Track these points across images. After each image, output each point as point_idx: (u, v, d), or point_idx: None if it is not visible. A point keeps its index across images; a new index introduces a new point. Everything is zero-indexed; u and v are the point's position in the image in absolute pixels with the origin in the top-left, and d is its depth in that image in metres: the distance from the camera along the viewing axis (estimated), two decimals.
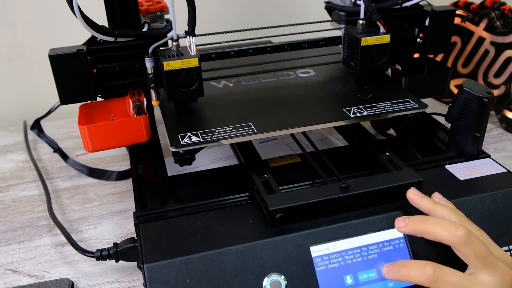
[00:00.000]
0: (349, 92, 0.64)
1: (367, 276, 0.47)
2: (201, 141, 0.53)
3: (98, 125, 0.56)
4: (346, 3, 0.67)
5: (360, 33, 0.62)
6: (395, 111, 0.58)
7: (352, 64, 0.65)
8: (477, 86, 0.57)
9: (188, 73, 0.56)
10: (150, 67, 0.57)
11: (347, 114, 0.57)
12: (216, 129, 0.55)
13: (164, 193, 0.55)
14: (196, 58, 0.55)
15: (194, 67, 0.55)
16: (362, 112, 0.58)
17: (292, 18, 0.68)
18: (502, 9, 0.82)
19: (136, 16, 0.58)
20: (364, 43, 0.62)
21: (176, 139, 0.53)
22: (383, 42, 0.62)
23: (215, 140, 0.53)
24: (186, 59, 0.55)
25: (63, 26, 0.89)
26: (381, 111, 0.58)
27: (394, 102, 0.60)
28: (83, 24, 0.52)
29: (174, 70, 0.55)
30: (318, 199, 0.49)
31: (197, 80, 0.57)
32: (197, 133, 0.54)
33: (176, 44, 0.57)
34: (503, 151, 0.77)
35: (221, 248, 0.46)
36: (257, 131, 0.54)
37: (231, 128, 0.55)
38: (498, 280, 0.42)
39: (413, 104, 0.59)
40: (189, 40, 0.56)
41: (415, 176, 0.51)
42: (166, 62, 0.54)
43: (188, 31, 0.56)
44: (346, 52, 0.66)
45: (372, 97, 0.61)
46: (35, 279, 0.56)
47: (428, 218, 0.45)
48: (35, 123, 0.83)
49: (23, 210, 0.68)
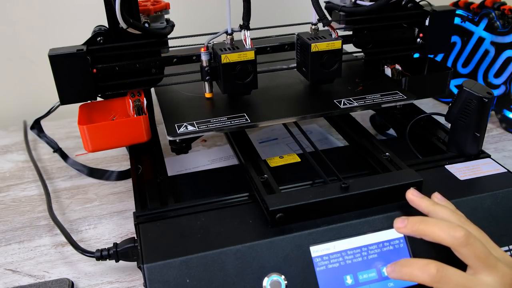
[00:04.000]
0: (340, 85, 0.66)
1: (367, 276, 0.47)
2: (197, 130, 0.55)
3: (98, 125, 0.56)
4: (346, 3, 0.67)
5: (311, 39, 0.61)
6: (384, 102, 0.60)
7: (304, 70, 0.64)
8: (477, 86, 0.57)
9: (244, 66, 0.58)
10: (205, 60, 0.59)
11: (337, 105, 0.60)
12: (211, 119, 0.57)
13: (164, 193, 0.55)
14: (253, 51, 0.58)
15: (250, 60, 0.58)
16: (352, 103, 0.60)
17: (292, 18, 0.68)
18: (502, 9, 0.82)
19: (136, 16, 0.58)
20: (314, 49, 0.60)
21: (173, 128, 0.55)
22: (334, 48, 0.61)
23: (210, 130, 0.55)
24: (242, 52, 0.57)
25: (63, 26, 0.89)
26: (370, 102, 0.60)
27: (383, 94, 0.62)
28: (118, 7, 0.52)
29: (231, 63, 0.57)
30: (318, 199, 0.49)
31: (252, 73, 0.59)
32: (193, 123, 0.56)
33: (230, 38, 0.59)
34: (503, 151, 0.77)
35: (221, 248, 0.46)
36: (251, 120, 0.57)
37: (226, 119, 0.57)
38: (499, 280, 0.42)
39: (401, 96, 0.61)
40: (244, 33, 0.58)
41: (415, 176, 0.51)
42: (224, 55, 0.57)
43: (243, 25, 0.58)
44: (299, 58, 0.65)
45: (362, 90, 0.64)
46: (35, 279, 0.56)
47: (427, 220, 0.45)
48: (35, 123, 0.83)
49: (23, 210, 0.68)
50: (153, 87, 0.65)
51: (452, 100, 0.58)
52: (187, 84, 0.63)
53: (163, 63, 0.62)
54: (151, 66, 0.61)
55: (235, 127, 0.56)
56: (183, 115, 0.59)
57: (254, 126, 0.57)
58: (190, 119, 0.57)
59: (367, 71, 0.71)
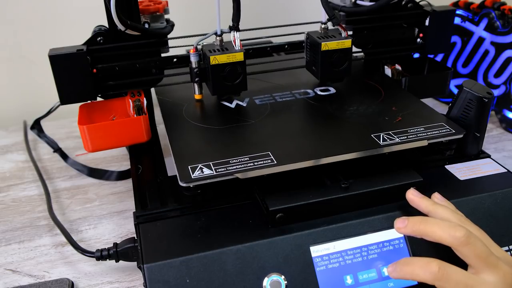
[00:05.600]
0: (375, 114, 0.58)
1: (367, 276, 0.47)
2: (215, 174, 0.47)
3: (98, 125, 0.56)
4: (346, 3, 0.67)
5: (321, 38, 0.62)
6: (430, 138, 0.53)
7: (314, 69, 0.64)
8: (477, 86, 0.57)
9: (233, 67, 0.57)
10: (194, 61, 0.59)
11: (377, 142, 0.52)
12: (231, 160, 0.50)
13: (164, 193, 0.55)
14: (241, 52, 0.57)
15: (239, 61, 0.57)
16: (393, 138, 0.52)
17: (292, 18, 0.68)
18: (502, 9, 0.82)
19: (136, 16, 0.58)
20: (324, 48, 0.60)
21: (186, 172, 0.48)
22: (344, 46, 0.61)
23: (231, 173, 0.48)
24: (231, 54, 0.56)
25: (63, 26, 0.89)
26: (413, 137, 0.53)
27: (427, 126, 0.55)
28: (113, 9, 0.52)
29: (220, 64, 0.56)
30: (318, 199, 0.49)
31: (242, 74, 0.58)
32: (209, 165, 0.49)
33: (220, 39, 0.59)
34: (503, 151, 0.77)
35: (221, 248, 0.46)
36: (277, 162, 0.49)
37: (248, 159, 0.50)
38: (500, 279, 0.42)
39: (449, 130, 0.54)
40: (233, 34, 0.58)
41: (415, 176, 0.51)
42: (212, 56, 0.56)
43: (232, 26, 0.57)
44: (308, 56, 0.65)
45: (402, 120, 0.56)
46: (35, 279, 0.56)
47: (428, 219, 0.45)
48: (35, 123, 0.83)
49: (23, 210, 0.68)
50: (153, 87, 0.65)
51: (452, 100, 0.58)
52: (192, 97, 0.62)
53: (163, 63, 0.62)
54: (151, 66, 0.61)
55: (261, 171, 0.48)
56: (196, 152, 0.51)
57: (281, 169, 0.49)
58: (205, 159, 0.50)
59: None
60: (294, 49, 0.70)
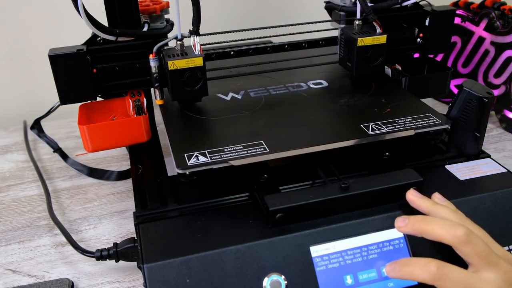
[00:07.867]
0: (365, 106, 0.60)
1: (367, 276, 0.47)
2: (210, 161, 0.49)
3: (98, 125, 0.56)
4: (346, 3, 0.67)
5: (357, 34, 0.62)
6: (416, 127, 0.54)
7: (349, 64, 0.65)
8: (477, 86, 0.57)
9: (193, 73, 0.56)
10: (154, 66, 0.58)
11: (365, 131, 0.54)
12: (225, 148, 0.51)
13: (164, 193, 0.55)
14: (201, 57, 0.56)
15: (199, 66, 0.56)
16: (382, 128, 0.54)
17: (292, 18, 0.68)
18: (502, 9, 0.82)
19: (136, 16, 0.58)
20: (360, 44, 0.61)
21: (182, 159, 0.50)
22: (379, 42, 0.62)
23: (225, 161, 0.50)
24: (190, 59, 0.55)
25: (63, 26, 0.89)
26: (401, 127, 0.55)
27: (415, 117, 0.56)
28: (86, 21, 0.52)
29: (178, 70, 0.55)
30: (318, 199, 0.49)
31: (202, 80, 0.57)
32: (204, 153, 0.51)
33: (180, 44, 0.58)
34: (503, 151, 0.77)
35: (221, 248, 0.46)
36: (270, 150, 0.51)
37: (242, 147, 0.52)
38: (500, 278, 0.42)
39: (435, 120, 0.56)
40: (193, 39, 0.57)
41: (415, 176, 0.51)
42: (170, 61, 0.55)
43: (192, 30, 0.56)
44: (343, 52, 0.66)
45: (390, 112, 0.58)
46: (35, 279, 0.56)
47: (428, 218, 0.45)
48: (35, 123, 0.83)
49: (23, 210, 0.68)
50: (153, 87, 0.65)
51: (452, 100, 0.58)
52: None
53: None
54: None
55: (254, 158, 0.50)
56: (192, 141, 0.53)
57: (273, 156, 0.51)
58: (201, 148, 0.52)
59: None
60: (294, 49, 0.70)
